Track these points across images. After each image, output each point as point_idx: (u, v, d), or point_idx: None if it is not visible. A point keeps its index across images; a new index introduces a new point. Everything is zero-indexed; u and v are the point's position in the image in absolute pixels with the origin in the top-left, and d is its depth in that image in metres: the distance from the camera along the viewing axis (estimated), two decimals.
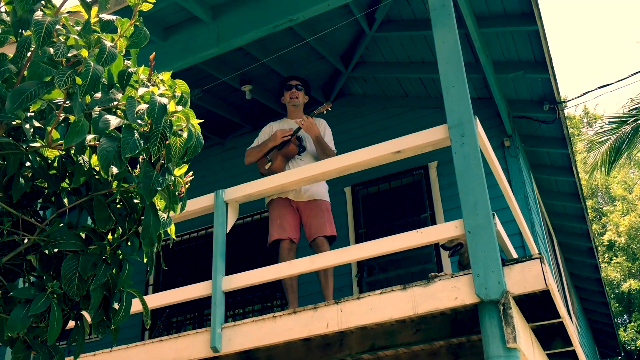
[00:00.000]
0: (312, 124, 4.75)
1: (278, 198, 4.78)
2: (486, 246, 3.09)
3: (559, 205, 8.20)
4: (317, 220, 4.68)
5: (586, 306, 11.62)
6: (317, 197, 4.78)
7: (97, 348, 4.11)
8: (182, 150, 1.72)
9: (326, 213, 4.76)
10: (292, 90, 5.09)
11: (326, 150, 4.74)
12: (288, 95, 5.11)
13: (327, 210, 4.79)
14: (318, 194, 4.80)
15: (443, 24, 3.80)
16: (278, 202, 4.78)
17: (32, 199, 1.87)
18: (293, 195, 4.75)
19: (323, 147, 4.76)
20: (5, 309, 1.76)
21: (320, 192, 4.83)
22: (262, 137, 5.09)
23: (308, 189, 4.75)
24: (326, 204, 4.83)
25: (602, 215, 22.53)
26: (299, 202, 4.77)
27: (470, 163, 3.31)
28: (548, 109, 6.17)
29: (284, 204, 4.76)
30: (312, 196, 4.77)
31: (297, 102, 5.09)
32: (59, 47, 1.53)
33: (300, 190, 4.73)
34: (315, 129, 4.76)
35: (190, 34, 4.93)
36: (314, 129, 4.76)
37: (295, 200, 4.77)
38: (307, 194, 4.76)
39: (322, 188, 4.87)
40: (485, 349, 2.94)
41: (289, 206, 4.77)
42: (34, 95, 1.49)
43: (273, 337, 3.49)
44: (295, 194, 4.75)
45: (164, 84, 1.76)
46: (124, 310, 1.86)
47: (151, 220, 1.74)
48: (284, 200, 4.77)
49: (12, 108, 1.46)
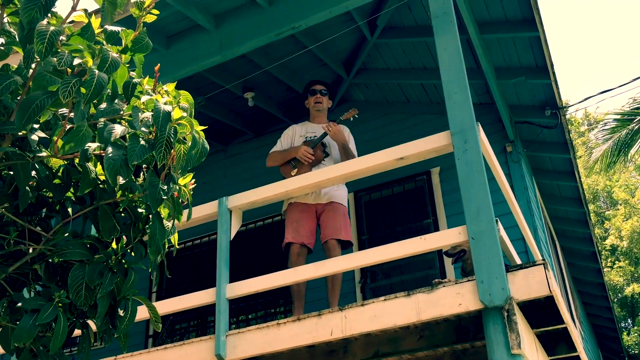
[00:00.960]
0: (339, 132, 4.76)
1: (296, 202, 4.78)
2: (489, 252, 3.09)
3: (561, 210, 8.19)
4: (333, 222, 4.68)
5: (590, 311, 11.59)
6: (335, 200, 4.78)
7: (102, 356, 4.12)
8: (187, 158, 1.73)
9: (343, 217, 4.76)
10: (317, 95, 5.09)
11: (350, 157, 4.73)
12: (313, 100, 5.10)
13: (344, 215, 4.79)
14: (337, 197, 4.79)
15: (445, 31, 3.81)
16: (297, 206, 4.77)
17: (37, 208, 1.88)
18: (312, 198, 4.75)
19: (348, 154, 4.76)
20: (11, 319, 1.77)
21: (340, 195, 4.83)
22: (285, 140, 5.05)
23: (327, 191, 4.75)
24: (344, 209, 4.83)
25: (604, 219, 22.49)
26: (318, 204, 4.77)
27: (473, 169, 3.32)
28: (550, 114, 6.18)
29: (302, 208, 4.75)
30: (331, 198, 4.77)
31: (321, 107, 5.09)
32: (62, 56, 1.54)
33: (319, 192, 4.72)
34: (342, 136, 4.77)
35: (193, 42, 4.96)
36: (340, 136, 4.76)
37: (314, 203, 4.76)
38: (326, 196, 4.76)
39: (342, 192, 4.87)
40: (490, 355, 2.94)
41: (307, 211, 4.75)
42: (40, 106, 1.50)
43: (277, 344, 3.49)
44: (315, 197, 4.75)
45: (169, 95, 1.77)
46: (129, 318, 1.87)
47: (157, 229, 1.75)
48: (303, 205, 4.77)
49: (21, 123, 1.48)
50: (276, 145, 5.05)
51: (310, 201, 4.75)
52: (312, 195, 4.72)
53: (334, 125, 4.77)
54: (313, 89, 5.11)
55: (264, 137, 7.30)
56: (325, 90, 5.12)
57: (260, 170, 6.56)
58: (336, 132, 4.75)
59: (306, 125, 5.11)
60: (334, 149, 4.90)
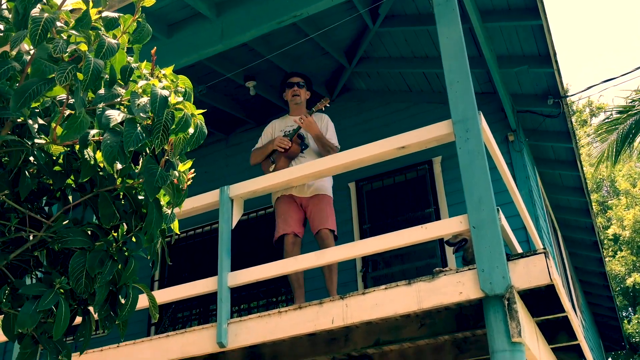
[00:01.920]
0: (311, 123, 4.74)
1: (282, 195, 4.81)
2: (491, 241, 3.10)
3: (563, 200, 8.18)
4: (319, 213, 4.71)
5: (591, 300, 11.61)
6: (320, 192, 4.81)
7: (104, 343, 4.14)
8: (185, 142, 1.73)
9: (328, 207, 4.78)
10: (294, 88, 5.08)
11: (327, 147, 4.74)
12: (290, 92, 5.10)
13: (329, 204, 4.81)
14: (321, 189, 4.81)
15: (447, 20, 3.79)
16: (282, 199, 4.82)
17: (38, 195, 1.88)
18: (296, 191, 4.78)
19: (324, 144, 4.75)
20: (13, 305, 1.77)
21: (324, 186, 4.84)
22: (264, 137, 5.10)
23: (312, 184, 4.77)
24: (328, 198, 4.85)
25: (607, 208, 22.48)
26: (302, 197, 4.79)
27: (475, 158, 3.32)
28: (552, 103, 6.16)
29: (288, 201, 4.80)
30: (315, 191, 4.79)
31: (299, 100, 5.08)
32: (57, 43, 1.54)
33: (303, 186, 4.74)
34: (314, 127, 4.75)
35: (194, 30, 4.94)
36: (313, 127, 4.75)
37: (298, 196, 4.79)
38: (310, 189, 4.78)
39: (326, 183, 4.88)
40: (490, 343, 2.95)
41: (292, 202, 4.79)
42: (36, 92, 1.50)
43: (279, 332, 3.51)
44: (299, 190, 4.77)
45: (167, 79, 1.77)
46: (130, 306, 1.87)
47: (154, 217, 1.75)
48: (288, 197, 4.81)
49: (16, 107, 1.47)
50: (257, 143, 5.08)
51: (294, 193, 4.79)
52: (296, 187, 4.73)
53: (306, 117, 4.75)
54: (290, 81, 5.10)
55: (265, 126, 7.28)
56: (302, 83, 5.10)
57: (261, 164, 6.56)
58: (308, 124, 4.73)
59: (286, 119, 5.11)
60: (312, 140, 4.90)
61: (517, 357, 2.87)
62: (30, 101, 1.49)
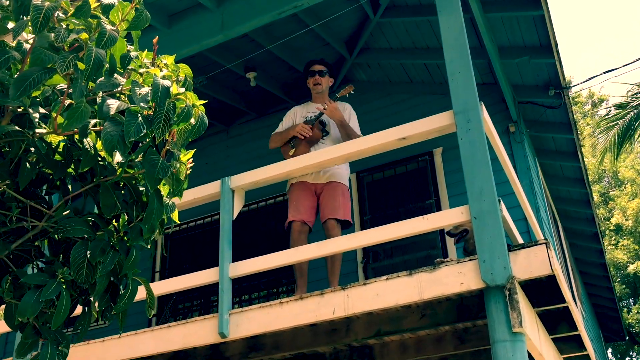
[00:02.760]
0: (335, 109, 4.74)
1: (297, 182, 4.79)
2: (492, 231, 3.09)
3: (564, 191, 8.18)
4: (331, 202, 4.68)
5: (591, 291, 11.64)
6: (334, 179, 4.78)
7: (106, 334, 4.15)
8: (186, 132, 1.72)
9: (342, 196, 4.75)
10: (316, 76, 5.05)
11: (351, 135, 4.71)
12: (312, 81, 5.06)
13: (343, 194, 4.78)
14: (336, 176, 4.79)
15: (448, 10, 3.78)
16: (297, 186, 4.79)
17: (38, 185, 1.88)
18: (312, 178, 4.76)
19: (347, 132, 4.73)
20: (15, 295, 1.77)
21: (340, 174, 4.82)
22: (285, 122, 5.06)
23: (327, 170, 4.74)
24: (343, 187, 4.82)
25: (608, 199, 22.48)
26: (317, 184, 4.78)
27: (476, 149, 3.31)
28: (553, 94, 6.14)
29: (302, 187, 4.77)
30: (330, 178, 4.77)
31: (321, 88, 5.05)
32: (59, 32, 1.53)
33: (319, 172, 4.72)
34: (338, 114, 4.74)
35: (195, 21, 4.92)
36: (336, 114, 4.74)
37: (313, 182, 4.77)
38: (325, 175, 4.76)
39: (343, 171, 4.86)
40: (491, 333, 2.95)
41: (306, 189, 4.77)
42: (36, 81, 1.49)
43: (280, 322, 3.51)
44: (314, 177, 4.76)
45: (168, 68, 1.76)
46: (128, 297, 1.87)
47: (155, 207, 1.75)
48: (302, 183, 4.78)
49: (16, 95, 1.47)
50: (278, 127, 5.06)
51: (309, 180, 4.77)
52: (311, 174, 4.72)
53: (330, 103, 4.75)
54: (312, 69, 5.08)
55: (266, 117, 7.28)
56: (324, 71, 5.07)
57: (262, 150, 6.55)
58: (332, 110, 4.72)
59: (308, 106, 5.09)
60: (333, 128, 4.89)
61: (518, 347, 2.88)
62: (30, 90, 1.48)
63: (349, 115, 4.92)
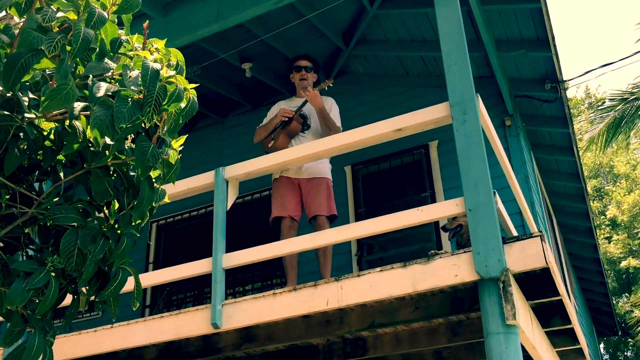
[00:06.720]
0: (316, 95, 4.72)
1: (281, 176, 4.79)
2: (487, 224, 3.08)
3: (559, 185, 8.19)
4: (316, 198, 4.68)
5: (584, 285, 11.67)
6: (317, 175, 4.77)
7: (98, 324, 4.13)
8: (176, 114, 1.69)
9: (325, 191, 4.74)
10: (302, 72, 5.04)
11: (330, 126, 4.69)
12: (298, 76, 5.05)
13: (327, 188, 4.78)
14: (318, 172, 4.78)
15: (445, 2, 3.75)
16: (280, 181, 4.80)
17: (28, 172, 1.85)
18: (293, 172, 4.76)
19: (327, 122, 4.71)
20: (4, 282, 1.75)
21: (321, 169, 4.81)
22: (269, 116, 5.06)
23: (309, 166, 4.74)
24: (327, 181, 4.81)
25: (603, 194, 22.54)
26: (299, 179, 4.77)
27: (472, 141, 3.30)
28: (550, 88, 6.13)
29: (285, 182, 4.77)
30: (312, 174, 4.76)
31: (306, 83, 5.03)
32: (46, 12, 1.50)
33: (300, 167, 4.72)
34: (319, 101, 4.72)
35: (190, 10, 4.88)
36: (317, 101, 4.72)
37: (295, 177, 4.76)
38: (307, 171, 4.76)
39: (324, 166, 4.85)
40: (485, 325, 2.95)
41: (290, 184, 4.77)
42: (26, 65, 1.46)
43: (273, 313, 3.50)
44: (295, 172, 4.75)
45: (158, 52, 1.73)
46: (115, 286, 1.84)
47: (146, 194, 1.72)
48: (286, 178, 4.78)
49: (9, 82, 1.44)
50: (263, 121, 5.06)
51: (292, 175, 4.77)
52: (292, 169, 4.72)
53: (312, 90, 4.74)
54: (298, 65, 5.06)
55: (262, 108, 7.24)
56: (310, 67, 5.06)
57: None
58: (313, 96, 4.71)
59: (292, 101, 5.10)
60: (314, 121, 4.87)
61: (512, 339, 2.87)
62: (21, 75, 1.45)
63: (330, 107, 4.90)
